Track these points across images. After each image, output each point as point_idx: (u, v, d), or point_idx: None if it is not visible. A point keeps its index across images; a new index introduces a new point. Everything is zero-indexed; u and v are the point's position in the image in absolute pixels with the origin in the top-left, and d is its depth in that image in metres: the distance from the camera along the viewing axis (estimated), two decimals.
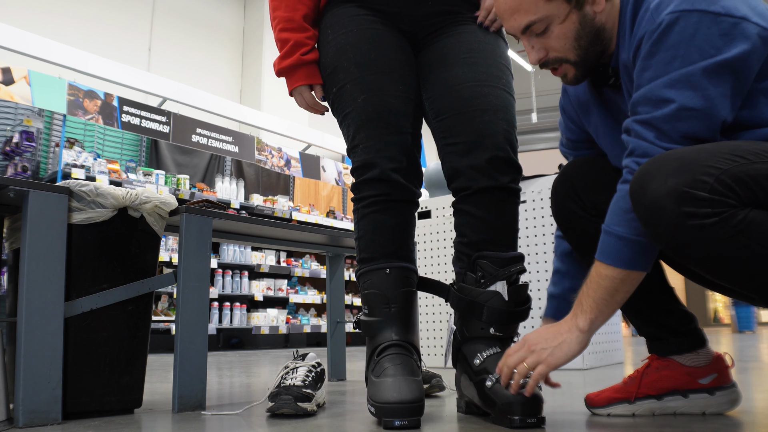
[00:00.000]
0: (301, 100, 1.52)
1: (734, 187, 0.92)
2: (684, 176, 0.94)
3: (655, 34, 1.04)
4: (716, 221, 0.92)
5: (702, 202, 0.92)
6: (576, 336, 1.13)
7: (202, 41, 8.06)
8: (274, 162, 6.92)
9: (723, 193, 0.92)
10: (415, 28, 1.46)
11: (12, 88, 4.85)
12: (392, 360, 1.29)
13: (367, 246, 1.42)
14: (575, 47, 1.15)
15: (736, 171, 0.93)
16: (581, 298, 1.15)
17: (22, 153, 5.28)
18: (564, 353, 1.14)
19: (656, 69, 1.05)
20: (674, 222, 0.95)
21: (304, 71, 1.48)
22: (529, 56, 1.18)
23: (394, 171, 1.38)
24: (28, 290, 1.33)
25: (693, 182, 0.93)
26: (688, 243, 0.96)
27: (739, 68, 1.01)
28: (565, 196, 1.37)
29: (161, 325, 5.42)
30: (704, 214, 0.92)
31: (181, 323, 1.54)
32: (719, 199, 0.92)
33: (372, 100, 1.39)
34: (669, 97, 1.03)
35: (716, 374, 1.31)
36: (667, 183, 0.95)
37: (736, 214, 0.92)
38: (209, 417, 1.43)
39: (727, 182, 0.92)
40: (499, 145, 1.34)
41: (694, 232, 0.93)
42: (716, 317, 14.03)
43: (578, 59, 1.17)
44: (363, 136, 1.40)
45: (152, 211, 1.58)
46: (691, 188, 0.93)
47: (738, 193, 0.92)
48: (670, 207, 0.95)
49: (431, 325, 3.21)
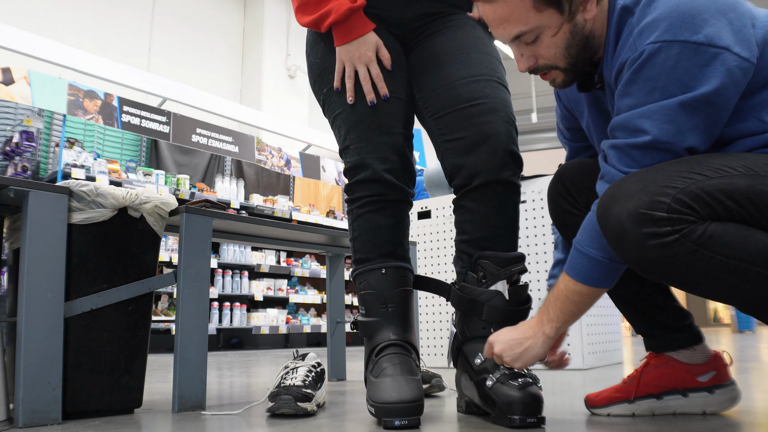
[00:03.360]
0: (364, 52, 1.37)
1: (691, 204, 0.96)
2: (642, 198, 0.99)
3: (636, 63, 1.05)
4: (677, 238, 0.96)
5: (661, 221, 0.97)
6: (542, 340, 1.19)
7: (202, 41, 8.06)
8: (274, 162, 6.92)
9: (680, 211, 0.96)
10: (404, 31, 1.46)
11: (12, 88, 4.85)
12: (391, 360, 1.29)
13: (362, 246, 1.42)
14: (565, 55, 1.16)
15: (693, 188, 0.97)
16: (548, 306, 1.19)
17: (22, 153, 5.28)
18: (530, 356, 1.20)
19: (636, 97, 1.07)
20: (637, 243, 0.99)
21: (362, 16, 1.38)
22: (518, 63, 1.19)
23: (387, 171, 1.38)
24: (28, 290, 1.33)
25: (651, 204, 0.98)
26: (654, 262, 0.99)
27: (716, 101, 1.02)
28: (559, 196, 1.39)
29: (161, 325, 5.42)
30: (664, 233, 0.96)
31: (181, 323, 1.54)
32: (677, 217, 0.96)
33: (362, 101, 1.39)
34: (644, 128, 1.05)
35: (715, 372, 1.32)
36: (628, 206, 1.00)
37: (695, 229, 0.95)
38: (209, 417, 1.43)
39: (683, 200, 0.96)
40: (500, 144, 1.34)
41: (658, 250, 0.97)
42: (716, 317, 14.03)
43: (568, 66, 1.18)
44: (354, 137, 1.40)
45: (152, 211, 1.58)
46: (649, 210, 0.98)
47: (696, 210, 0.96)
48: (632, 229, 0.99)
49: (431, 325, 3.21)
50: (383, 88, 1.39)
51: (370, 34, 1.38)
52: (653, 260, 0.99)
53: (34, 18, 6.28)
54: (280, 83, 8.42)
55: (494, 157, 1.33)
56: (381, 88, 1.39)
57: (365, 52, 1.37)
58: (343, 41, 1.37)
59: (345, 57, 1.38)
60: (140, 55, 7.28)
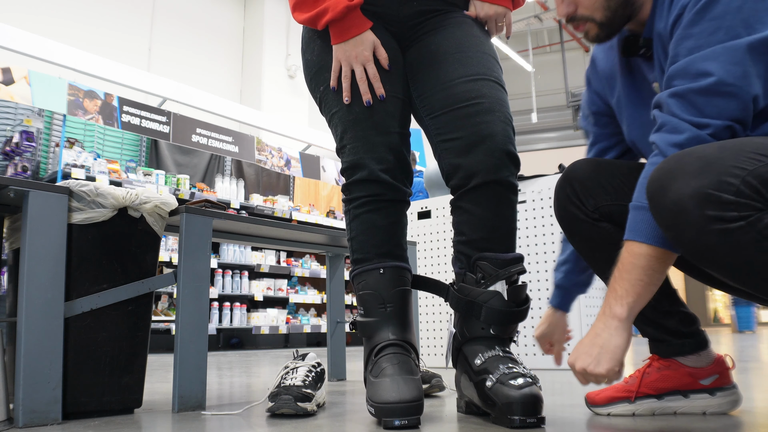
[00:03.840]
0: (361, 52, 1.35)
1: (761, 189, 0.87)
2: (708, 177, 0.89)
3: (700, 2, 1.01)
4: (742, 225, 0.87)
5: (728, 205, 0.87)
6: (615, 326, 1.07)
7: (202, 41, 8.06)
8: (274, 162, 6.92)
9: (749, 195, 0.87)
10: (401, 29, 1.45)
11: (12, 88, 4.85)
12: (390, 360, 1.29)
13: (360, 247, 1.42)
14: (604, 8, 1.13)
15: (762, 171, 0.88)
16: (614, 284, 1.08)
17: (22, 153, 5.28)
18: (611, 351, 1.06)
19: (698, 39, 1.01)
20: (698, 226, 0.90)
21: (359, 15, 1.36)
22: (558, 8, 1.17)
23: (383, 171, 1.38)
24: (28, 290, 1.33)
25: (718, 184, 0.88)
26: (712, 248, 0.90)
27: None
28: (567, 199, 1.35)
29: (161, 325, 5.42)
30: (730, 218, 0.87)
31: (181, 323, 1.54)
32: (745, 202, 0.87)
33: (359, 101, 1.39)
34: (709, 70, 0.99)
35: (717, 375, 1.31)
36: (691, 184, 0.90)
37: (763, 217, 0.87)
38: (209, 417, 1.43)
39: (753, 184, 0.87)
40: (498, 144, 1.34)
41: (720, 236, 0.88)
42: (716, 317, 14.03)
43: (604, 20, 1.15)
44: (350, 137, 1.39)
45: (152, 211, 1.58)
46: (716, 190, 0.88)
47: (765, 195, 0.87)
48: (694, 210, 0.90)
49: (431, 325, 3.21)
50: (379, 88, 1.38)
51: (367, 33, 1.37)
52: (711, 246, 0.90)
53: (34, 18, 6.29)
54: (280, 83, 8.42)
55: (492, 157, 1.33)
56: (377, 88, 1.38)
57: (362, 52, 1.36)
58: (339, 40, 1.36)
59: (342, 56, 1.37)
60: (140, 55, 7.28)
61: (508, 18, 1.51)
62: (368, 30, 1.37)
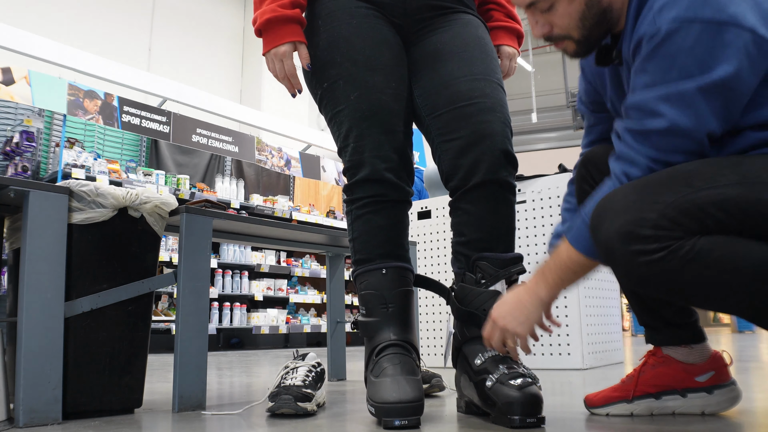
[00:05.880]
0: (280, 67, 1.38)
1: (679, 219, 0.95)
2: (630, 214, 0.98)
3: (654, 39, 1.03)
4: (664, 255, 0.95)
5: (648, 238, 0.96)
6: (538, 305, 1.19)
7: (202, 41, 8.06)
8: (274, 162, 6.92)
9: (667, 226, 0.95)
10: (406, 21, 1.45)
11: (12, 88, 4.85)
12: (391, 360, 1.29)
13: (362, 247, 1.42)
14: (579, 27, 1.14)
15: (681, 202, 0.96)
16: (545, 271, 1.18)
17: (23, 153, 5.29)
18: (531, 324, 1.20)
19: (653, 74, 1.04)
20: (627, 260, 0.99)
21: (290, 28, 1.37)
22: (532, 29, 1.18)
23: (387, 171, 1.38)
24: (28, 290, 1.33)
25: (637, 220, 0.97)
26: (645, 278, 0.99)
27: (735, 85, 0.99)
28: (581, 179, 1.40)
29: (161, 325, 5.42)
30: (652, 250, 0.95)
31: (181, 323, 1.54)
32: (664, 234, 0.95)
33: (366, 98, 1.38)
34: (662, 111, 1.03)
35: (714, 372, 1.31)
36: (616, 223, 0.99)
37: (683, 245, 0.94)
38: (209, 417, 1.43)
39: (671, 215, 0.95)
40: (497, 144, 1.34)
41: (647, 267, 0.97)
42: (716, 317, 14.02)
43: (581, 38, 1.16)
44: (356, 135, 1.39)
45: (152, 211, 1.58)
46: (636, 226, 0.97)
47: (683, 224, 0.95)
48: (621, 247, 0.98)
49: (431, 325, 3.21)
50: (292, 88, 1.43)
51: (279, 48, 1.37)
52: (643, 277, 0.99)
53: (34, 18, 6.29)
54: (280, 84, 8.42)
55: (491, 156, 1.33)
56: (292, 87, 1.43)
57: (280, 69, 1.39)
58: (263, 52, 1.40)
59: (269, 68, 1.41)
60: (140, 55, 7.28)
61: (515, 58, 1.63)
62: (284, 43, 1.37)
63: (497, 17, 1.60)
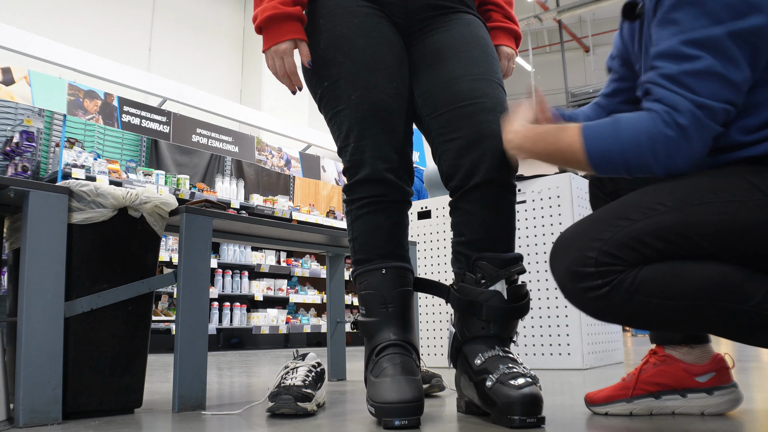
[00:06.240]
0: (280, 64, 1.37)
1: (617, 254, 0.99)
2: (573, 254, 1.03)
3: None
4: (609, 290, 0.99)
5: (591, 275, 1.00)
6: (521, 141, 1.22)
7: (202, 41, 8.06)
8: (274, 162, 6.92)
9: (607, 262, 0.99)
10: (407, 21, 1.45)
11: (12, 88, 4.85)
12: (391, 360, 1.29)
13: (362, 247, 1.41)
14: None
15: (618, 237, 1.00)
16: (545, 133, 1.17)
17: (23, 153, 5.29)
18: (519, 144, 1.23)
19: (682, 23, 1.01)
20: (578, 297, 1.03)
21: (291, 25, 1.36)
22: None
23: (388, 171, 1.38)
24: (28, 290, 1.33)
25: (580, 259, 1.02)
26: (599, 311, 1.03)
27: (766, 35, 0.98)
28: (591, 181, 1.42)
29: (161, 325, 5.42)
30: (597, 286, 1.00)
31: (181, 323, 1.54)
32: (605, 270, 0.99)
33: (366, 98, 1.38)
34: (696, 54, 0.99)
35: (714, 373, 1.31)
36: (564, 262, 1.05)
37: (625, 278, 0.98)
38: (209, 417, 1.43)
39: (609, 251, 1.00)
40: (497, 144, 1.34)
41: (596, 302, 1.01)
42: None
43: None
44: (357, 135, 1.38)
45: (152, 211, 1.58)
46: (579, 266, 1.02)
47: (622, 258, 0.99)
48: (570, 285, 1.04)
49: (431, 325, 3.21)
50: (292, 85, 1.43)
51: (279, 45, 1.36)
52: (597, 311, 1.03)
53: (34, 18, 6.29)
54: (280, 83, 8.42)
55: (491, 157, 1.33)
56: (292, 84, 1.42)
57: (280, 66, 1.38)
58: (263, 49, 1.39)
59: (269, 65, 1.40)
60: (140, 55, 7.28)
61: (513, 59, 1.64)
62: (283, 41, 1.36)
63: (496, 18, 1.60)
